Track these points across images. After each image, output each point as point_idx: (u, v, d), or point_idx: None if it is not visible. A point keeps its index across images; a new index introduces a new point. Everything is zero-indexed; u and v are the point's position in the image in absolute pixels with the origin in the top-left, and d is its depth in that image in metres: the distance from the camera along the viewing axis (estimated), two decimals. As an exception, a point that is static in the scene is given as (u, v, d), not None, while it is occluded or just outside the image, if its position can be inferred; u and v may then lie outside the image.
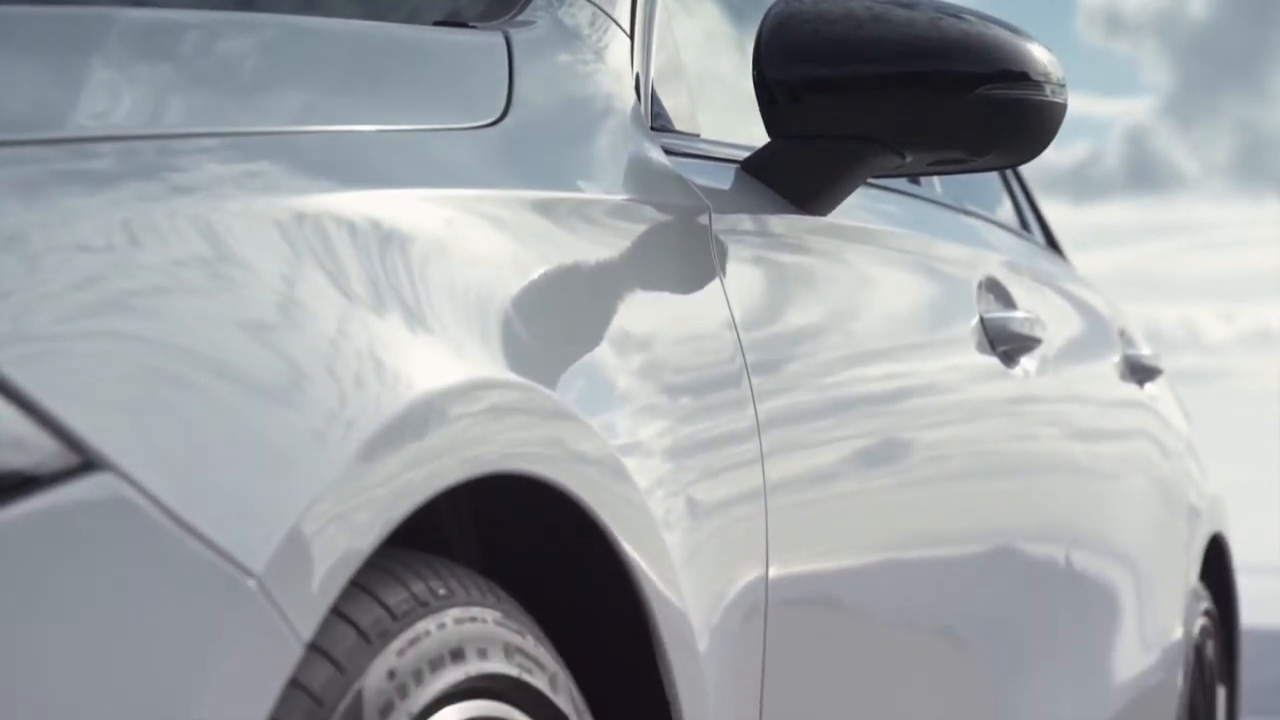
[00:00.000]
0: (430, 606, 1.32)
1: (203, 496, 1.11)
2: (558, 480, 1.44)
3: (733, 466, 1.73)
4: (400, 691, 1.26)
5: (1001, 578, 2.43)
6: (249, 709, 1.11)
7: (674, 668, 1.57)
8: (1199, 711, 3.35)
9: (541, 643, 1.45)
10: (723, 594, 1.67)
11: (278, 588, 1.13)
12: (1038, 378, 2.65)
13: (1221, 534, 3.61)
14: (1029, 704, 2.51)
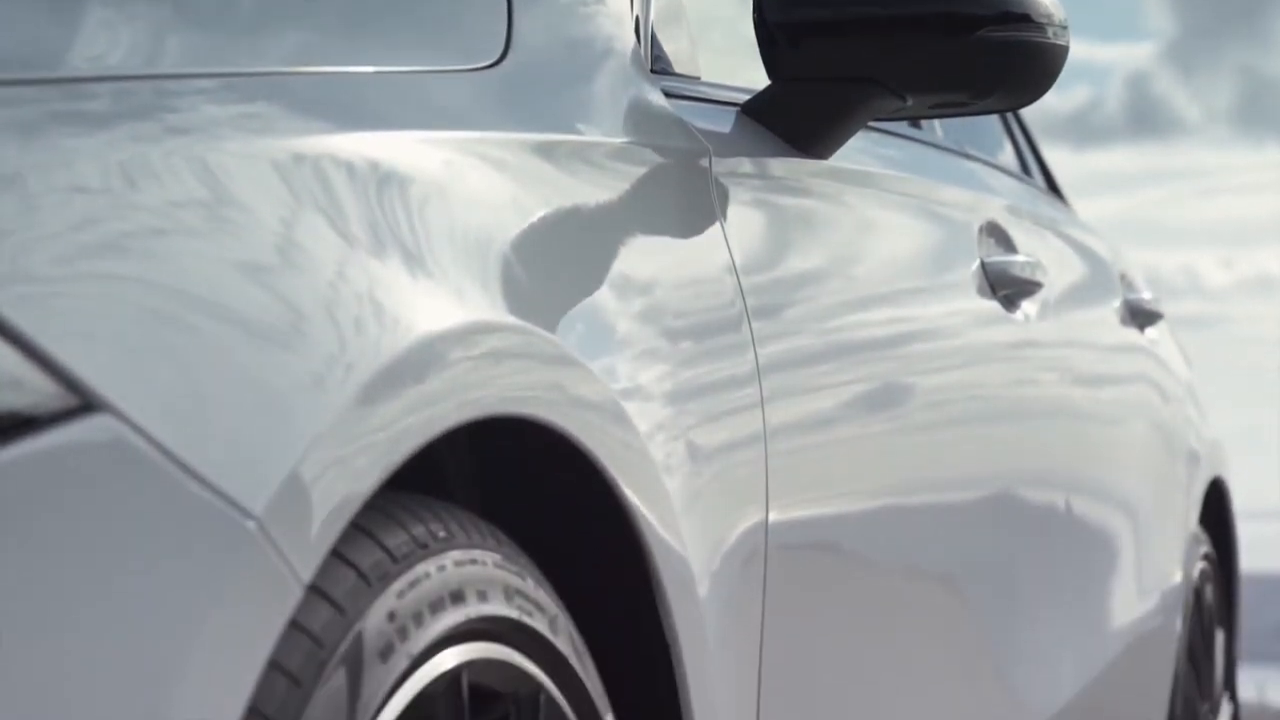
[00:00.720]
0: (430, 549, 1.32)
1: (201, 438, 1.11)
2: (558, 424, 1.44)
3: (733, 411, 1.73)
4: (400, 633, 1.26)
5: (1001, 522, 2.43)
6: (249, 650, 1.11)
7: (674, 612, 1.57)
8: (1198, 655, 3.36)
9: (541, 585, 1.45)
10: (723, 539, 1.67)
11: (277, 529, 1.13)
12: (1038, 322, 2.65)
13: (1221, 478, 3.61)
14: (1028, 648, 2.51)
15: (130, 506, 1.07)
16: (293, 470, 1.15)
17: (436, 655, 1.30)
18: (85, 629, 1.04)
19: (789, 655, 1.78)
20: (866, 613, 1.98)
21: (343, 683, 1.19)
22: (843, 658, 1.93)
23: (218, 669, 1.09)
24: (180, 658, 1.07)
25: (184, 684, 1.07)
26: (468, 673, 1.34)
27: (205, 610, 1.08)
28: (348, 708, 1.19)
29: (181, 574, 1.08)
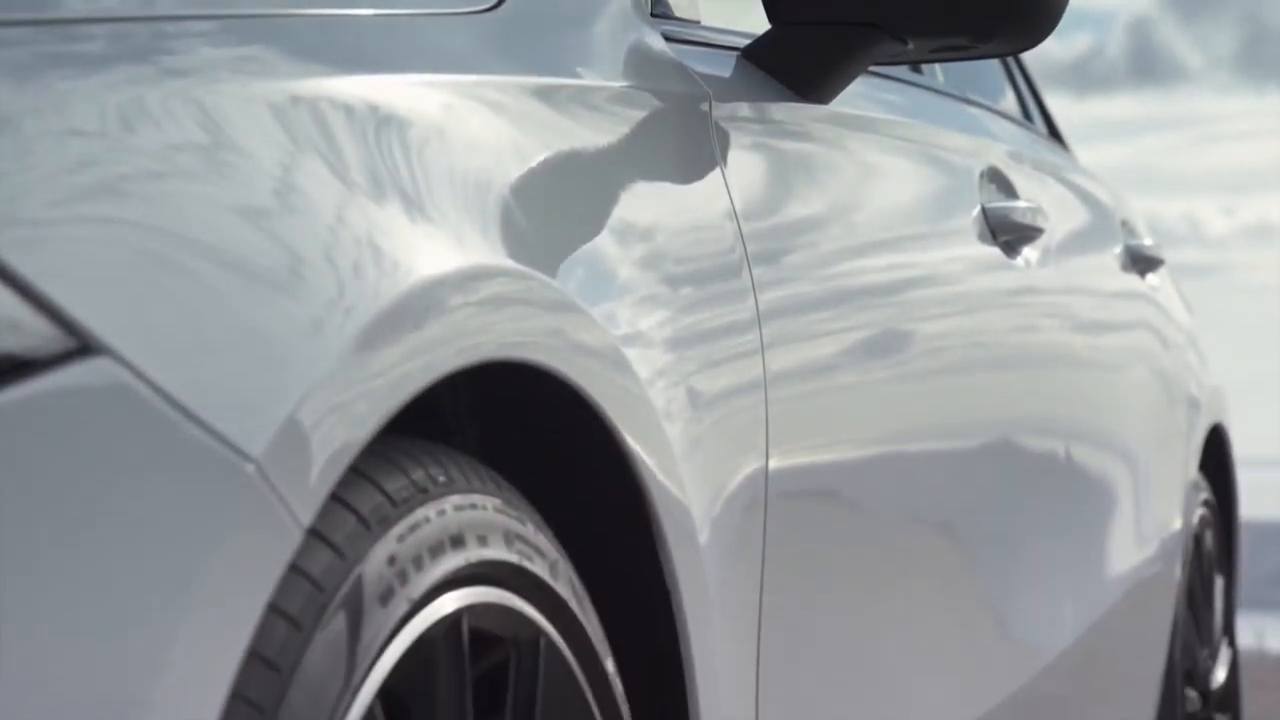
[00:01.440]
0: (430, 493, 1.32)
1: (200, 382, 1.11)
2: (559, 369, 1.43)
3: (733, 358, 1.73)
4: (400, 577, 1.26)
5: (1001, 468, 2.43)
6: (248, 594, 1.11)
7: (674, 559, 1.57)
8: (1197, 601, 3.36)
9: (541, 530, 1.45)
10: (723, 485, 1.66)
11: (276, 473, 1.12)
12: (1039, 268, 2.64)
13: (1221, 424, 3.61)
14: (1027, 594, 2.52)
15: (129, 449, 1.07)
16: (291, 414, 1.14)
17: (436, 600, 1.30)
18: (84, 571, 1.04)
19: (788, 601, 1.78)
20: (866, 559, 1.98)
21: (343, 626, 1.19)
22: (842, 603, 1.93)
23: (217, 612, 1.09)
24: (180, 600, 1.07)
25: (184, 626, 1.07)
26: (468, 617, 1.34)
27: (204, 553, 1.08)
28: (348, 651, 1.19)
29: (180, 517, 1.08)
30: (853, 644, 1.95)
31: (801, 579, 1.81)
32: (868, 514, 1.99)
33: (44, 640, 1.02)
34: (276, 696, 1.13)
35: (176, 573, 1.07)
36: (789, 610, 1.78)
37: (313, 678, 1.16)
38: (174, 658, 1.06)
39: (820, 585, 1.87)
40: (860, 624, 1.97)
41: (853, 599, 1.95)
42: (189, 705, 1.07)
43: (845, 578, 1.93)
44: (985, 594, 2.35)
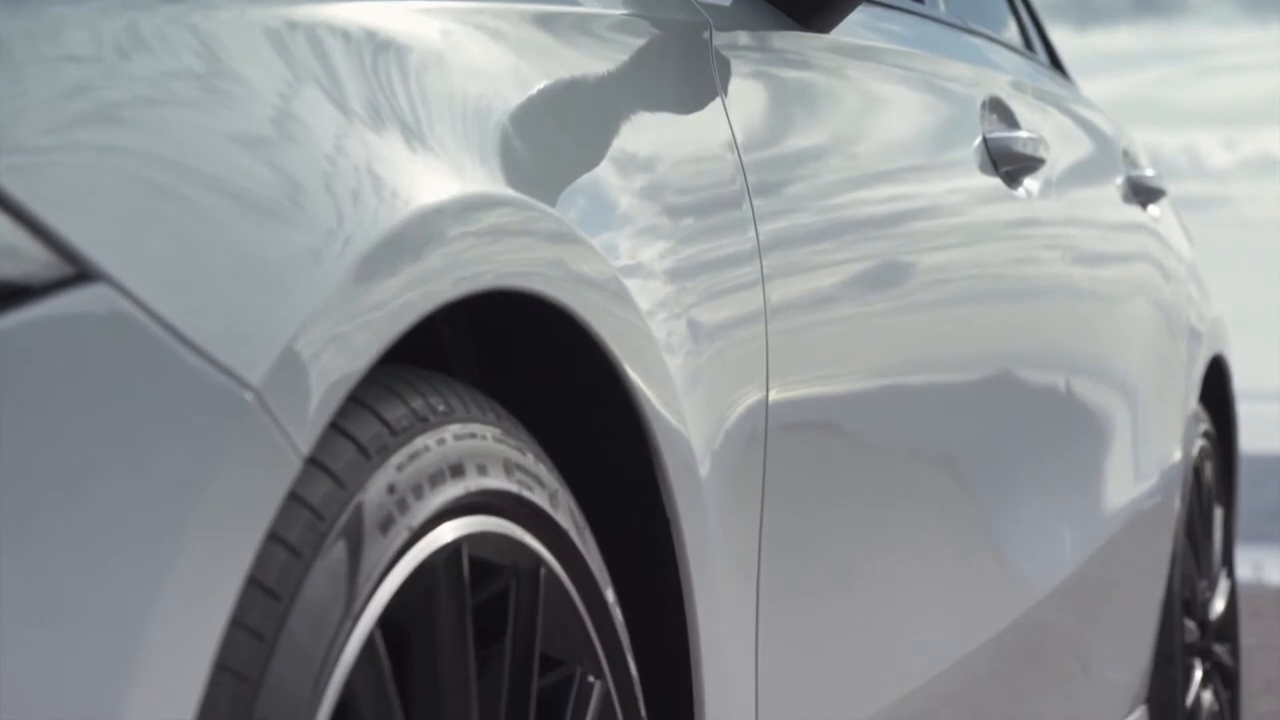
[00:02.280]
0: (429, 422, 1.31)
1: (198, 310, 1.10)
2: (560, 300, 1.43)
3: (733, 289, 1.72)
4: (400, 506, 1.26)
5: (1001, 400, 2.43)
6: (248, 521, 1.11)
7: (675, 491, 1.57)
8: (1196, 532, 3.37)
9: (541, 460, 1.45)
10: (723, 418, 1.66)
11: (275, 401, 1.12)
12: (1040, 199, 2.64)
13: (1222, 355, 3.61)
14: (1026, 526, 2.52)
15: (126, 376, 1.07)
16: (290, 343, 1.14)
17: (436, 528, 1.30)
18: (82, 498, 1.04)
19: (788, 533, 1.78)
20: (865, 490, 1.98)
21: (342, 554, 1.19)
22: (842, 535, 1.93)
23: (216, 540, 1.09)
24: (179, 528, 1.07)
25: (183, 554, 1.06)
26: (467, 546, 1.34)
27: (203, 481, 1.08)
28: (347, 579, 1.19)
29: (179, 444, 1.08)
30: (852, 575, 1.95)
31: (801, 511, 1.82)
32: (867, 446, 1.99)
33: (41, 567, 1.02)
34: (277, 624, 1.13)
35: (175, 501, 1.07)
36: (789, 542, 1.78)
37: (313, 605, 1.16)
38: (173, 585, 1.06)
39: (820, 517, 1.87)
40: (859, 555, 1.97)
41: (852, 530, 1.95)
42: (188, 632, 1.07)
43: (845, 509, 1.94)
44: (984, 525, 2.36)
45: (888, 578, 2.04)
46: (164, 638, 1.05)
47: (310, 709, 1.15)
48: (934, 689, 2.16)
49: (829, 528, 1.90)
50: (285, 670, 1.14)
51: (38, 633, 1.02)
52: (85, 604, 1.03)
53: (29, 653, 1.01)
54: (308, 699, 1.15)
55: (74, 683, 1.02)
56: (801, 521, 1.82)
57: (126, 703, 1.03)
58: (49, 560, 1.03)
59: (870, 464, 2.00)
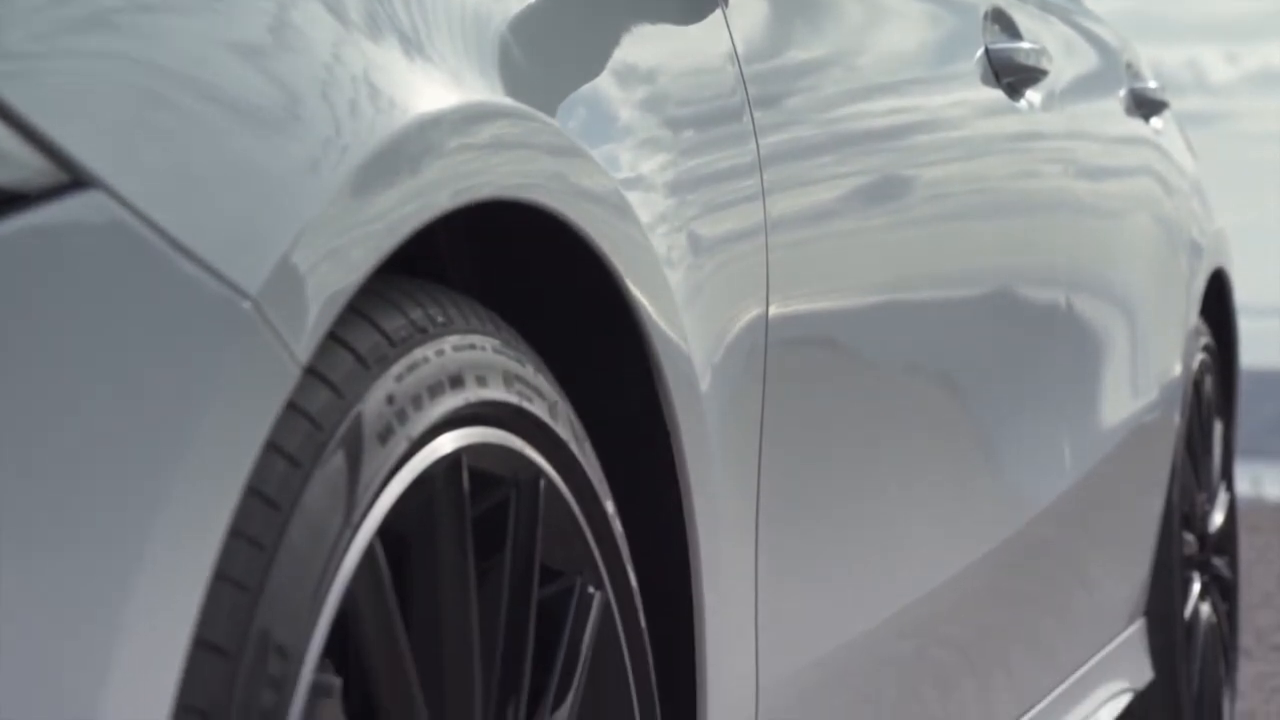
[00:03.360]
0: (429, 333, 1.31)
1: (194, 219, 1.10)
2: (561, 211, 1.42)
3: (734, 202, 1.72)
4: (399, 417, 1.26)
5: (1001, 315, 2.43)
6: (246, 431, 1.11)
7: (675, 405, 1.57)
8: (1196, 446, 3.37)
9: (541, 372, 1.45)
10: (723, 333, 1.66)
11: (273, 311, 1.12)
12: (1042, 111, 2.63)
13: (1223, 269, 3.60)
14: (1026, 440, 2.52)
15: (123, 284, 1.06)
16: (288, 252, 1.13)
17: (436, 439, 1.30)
18: (81, 407, 1.04)
19: (788, 448, 1.78)
20: (865, 405, 1.99)
21: (342, 464, 1.19)
22: (841, 449, 1.93)
23: (215, 448, 1.09)
24: (177, 437, 1.07)
25: (181, 463, 1.06)
26: (467, 457, 1.34)
27: (201, 390, 1.08)
28: (347, 489, 1.20)
29: (177, 353, 1.08)
30: (851, 489, 1.96)
31: (801, 425, 1.82)
32: (866, 360, 1.99)
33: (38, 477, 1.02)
34: (276, 534, 1.14)
35: (173, 410, 1.07)
36: (788, 456, 1.78)
37: (312, 515, 1.17)
38: (172, 494, 1.06)
39: (819, 431, 1.87)
40: (858, 469, 1.97)
41: (851, 445, 1.96)
42: (188, 542, 1.07)
43: (844, 423, 1.94)
44: (983, 440, 2.36)
45: (886, 492, 2.05)
46: (163, 547, 1.05)
47: (310, 618, 1.15)
48: (932, 602, 2.17)
49: (828, 442, 1.90)
50: (285, 580, 1.14)
51: (36, 544, 1.02)
52: (84, 514, 1.03)
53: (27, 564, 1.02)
54: (308, 608, 1.15)
55: (73, 593, 1.02)
56: (801, 436, 1.82)
57: (126, 612, 1.03)
58: (46, 471, 1.03)
59: (869, 378, 2.00)
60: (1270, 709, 3.89)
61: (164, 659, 1.06)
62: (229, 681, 1.10)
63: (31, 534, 1.02)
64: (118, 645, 1.03)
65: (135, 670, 1.04)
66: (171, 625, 1.06)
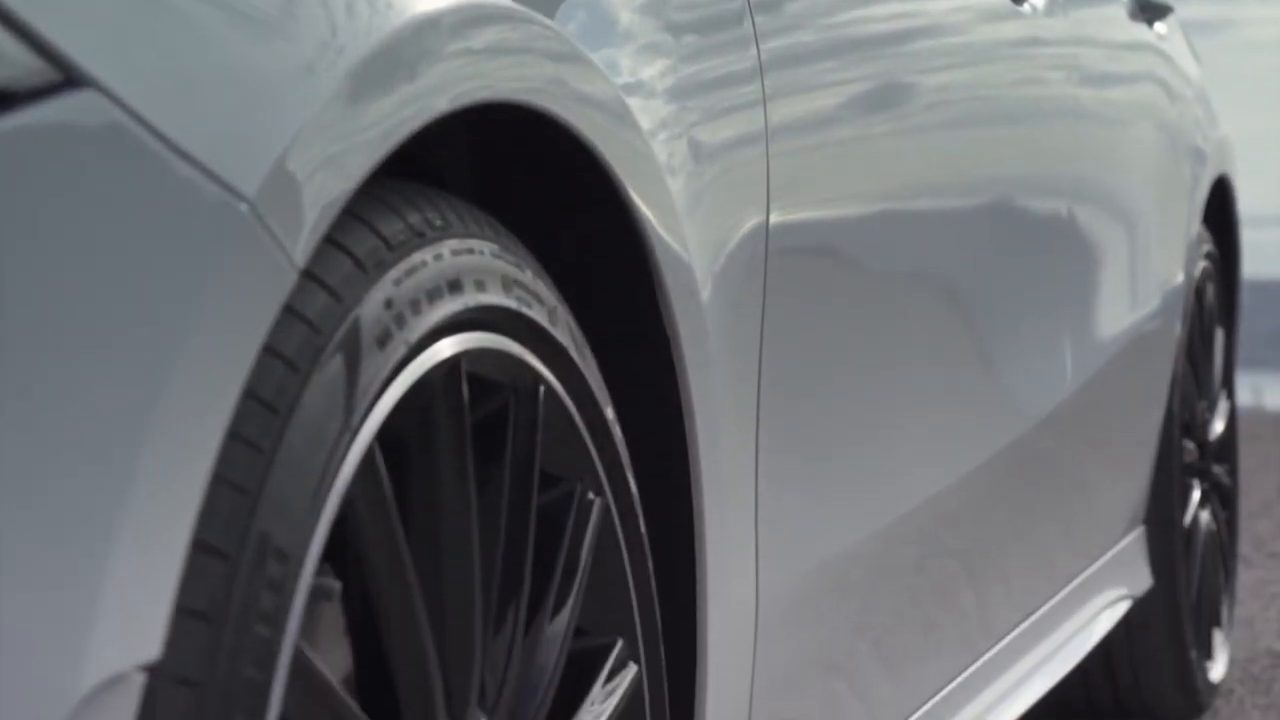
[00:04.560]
0: (427, 237, 1.31)
1: (190, 120, 1.09)
2: (563, 117, 1.42)
3: (735, 109, 1.71)
4: (397, 321, 1.25)
5: (1002, 223, 2.42)
6: (243, 334, 1.11)
7: (676, 312, 1.56)
8: (1197, 354, 3.37)
9: (540, 277, 1.44)
10: (724, 241, 1.66)
11: (270, 213, 1.11)
12: (1046, 17, 2.61)
13: (1226, 176, 3.59)
14: (1025, 351, 2.52)
15: (117, 185, 1.06)
16: (284, 155, 1.13)
17: (434, 344, 1.30)
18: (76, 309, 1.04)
19: (787, 356, 1.78)
20: (864, 313, 1.98)
21: (340, 368, 1.19)
22: (841, 357, 1.93)
23: (212, 351, 1.08)
24: (173, 339, 1.06)
25: (179, 365, 1.06)
26: (466, 362, 1.33)
27: (198, 292, 1.08)
28: (345, 393, 1.19)
29: (172, 256, 1.07)
30: (851, 397, 1.96)
31: (800, 333, 1.81)
32: (866, 268, 1.99)
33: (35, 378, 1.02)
34: (274, 437, 1.13)
35: (169, 313, 1.06)
36: (788, 364, 1.78)
37: (311, 419, 1.16)
38: (168, 395, 1.06)
39: (819, 339, 1.87)
40: (858, 377, 1.97)
41: (851, 352, 1.95)
42: (185, 444, 1.07)
43: (844, 331, 1.93)
44: (983, 348, 2.36)
45: (886, 400, 2.05)
46: (160, 449, 1.05)
47: (309, 522, 1.15)
48: (932, 510, 2.18)
49: (828, 350, 1.90)
50: (284, 483, 1.14)
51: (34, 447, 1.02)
52: (82, 416, 1.03)
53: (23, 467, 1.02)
54: (307, 512, 1.15)
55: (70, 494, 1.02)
56: (801, 344, 1.82)
57: (124, 514, 1.03)
58: (41, 373, 1.02)
59: (869, 286, 2.00)
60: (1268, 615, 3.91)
61: (163, 561, 1.06)
62: (228, 584, 1.10)
63: (28, 438, 1.02)
64: (116, 547, 1.03)
65: (134, 572, 1.04)
66: (170, 527, 1.06)
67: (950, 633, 2.33)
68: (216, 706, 1.08)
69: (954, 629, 2.34)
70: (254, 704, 1.10)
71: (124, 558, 1.03)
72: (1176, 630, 3.22)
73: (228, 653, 1.09)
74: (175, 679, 1.07)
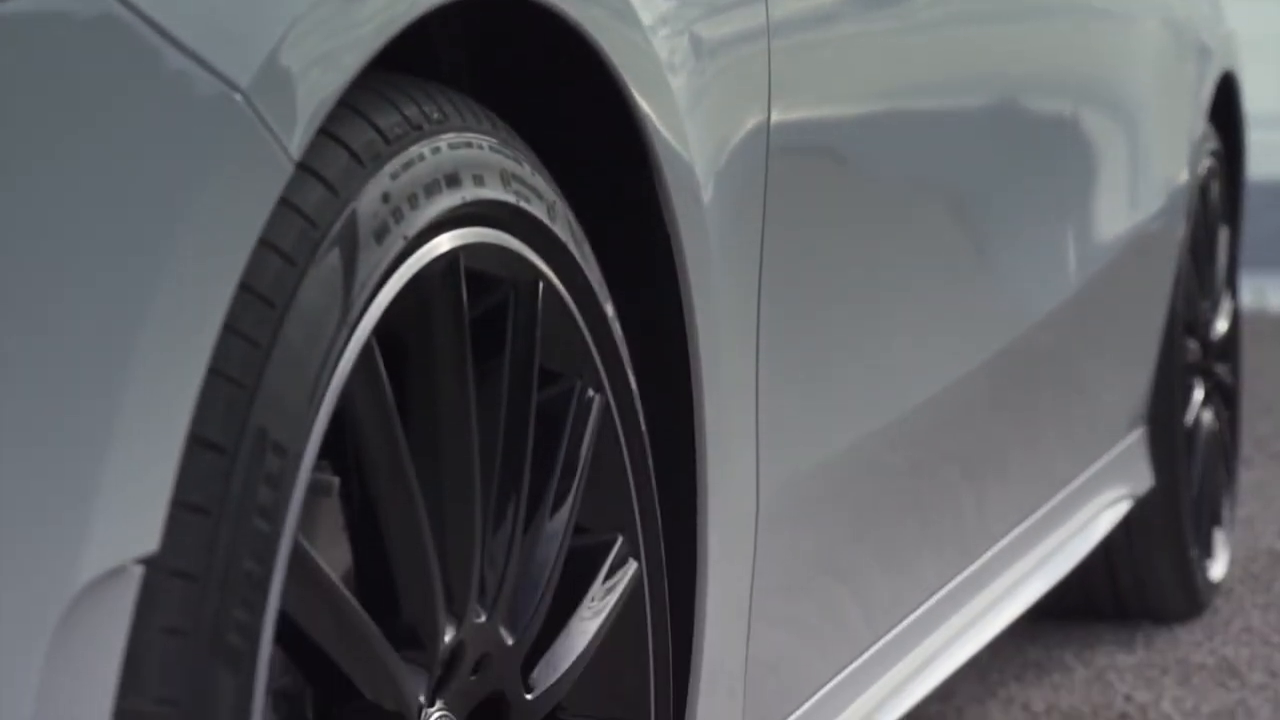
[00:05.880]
0: (424, 130, 1.30)
1: (184, 10, 1.08)
2: (566, 12, 1.40)
3: (736, 3, 1.69)
4: (395, 215, 1.25)
5: (1006, 121, 2.41)
6: (239, 226, 1.10)
7: (677, 213, 1.56)
8: (1200, 253, 3.36)
9: (539, 171, 1.43)
10: (725, 140, 1.65)
11: (265, 105, 1.10)
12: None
13: (1232, 72, 3.57)
14: (1027, 250, 2.51)
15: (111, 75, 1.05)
16: (279, 46, 1.12)
17: (433, 239, 1.29)
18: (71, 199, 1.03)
19: (788, 255, 1.77)
20: (865, 213, 1.97)
21: (337, 262, 1.18)
22: (842, 256, 1.92)
23: (208, 243, 1.08)
24: (170, 231, 1.06)
25: (174, 255, 1.06)
26: (464, 257, 1.33)
27: (194, 184, 1.07)
28: (343, 287, 1.19)
29: (168, 146, 1.06)
30: (851, 295, 1.95)
31: (801, 233, 1.81)
32: (868, 167, 1.98)
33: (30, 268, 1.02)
34: (271, 332, 1.13)
35: (165, 205, 1.06)
36: (789, 263, 1.77)
37: (308, 313, 1.16)
38: (164, 287, 1.05)
39: (820, 238, 1.86)
40: (859, 275, 1.97)
41: (851, 251, 1.95)
42: (182, 336, 1.06)
43: (845, 231, 1.93)
44: (985, 247, 2.35)
45: (886, 298, 2.04)
46: (156, 341, 1.05)
47: (307, 417, 1.15)
48: (931, 410, 2.18)
49: (829, 249, 1.89)
50: (281, 378, 1.13)
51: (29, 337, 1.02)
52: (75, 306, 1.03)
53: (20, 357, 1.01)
54: (304, 407, 1.15)
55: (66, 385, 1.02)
56: (802, 244, 1.81)
57: (121, 406, 1.03)
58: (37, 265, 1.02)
59: (870, 184, 1.99)
60: (1269, 515, 3.92)
61: (160, 454, 1.06)
62: (226, 478, 1.10)
63: (24, 326, 1.01)
64: (112, 440, 1.03)
65: (131, 466, 1.04)
66: (167, 420, 1.06)
67: (949, 534, 2.33)
68: (214, 599, 1.08)
69: (953, 530, 2.34)
70: (252, 598, 1.10)
71: (121, 451, 1.03)
72: (1177, 530, 3.23)
73: (226, 546, 1.09)
74: (173, 572, 1.07)
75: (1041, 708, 2.84)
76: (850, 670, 2.04)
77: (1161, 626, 3.23)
